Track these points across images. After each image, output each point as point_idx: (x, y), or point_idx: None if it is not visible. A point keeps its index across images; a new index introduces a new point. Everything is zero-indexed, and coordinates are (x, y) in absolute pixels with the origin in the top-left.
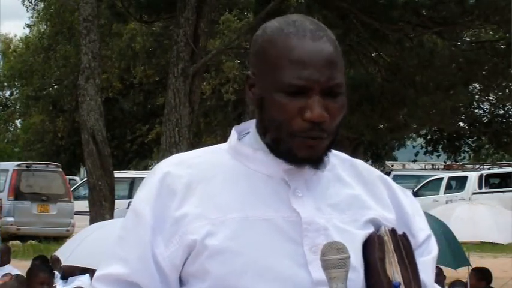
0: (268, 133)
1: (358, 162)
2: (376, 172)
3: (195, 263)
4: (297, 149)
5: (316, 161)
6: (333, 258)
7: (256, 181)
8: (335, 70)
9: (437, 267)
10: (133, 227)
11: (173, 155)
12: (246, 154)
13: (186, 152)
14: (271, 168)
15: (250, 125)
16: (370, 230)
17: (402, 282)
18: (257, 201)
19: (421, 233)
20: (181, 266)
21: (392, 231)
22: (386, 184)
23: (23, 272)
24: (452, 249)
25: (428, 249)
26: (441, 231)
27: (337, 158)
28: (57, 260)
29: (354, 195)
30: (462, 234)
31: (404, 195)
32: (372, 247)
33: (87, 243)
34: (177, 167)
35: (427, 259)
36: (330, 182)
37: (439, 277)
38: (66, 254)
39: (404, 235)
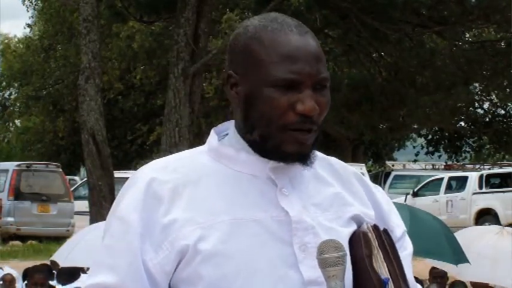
0: (256, 130)
1: (333, 160)
2: (350, 169)
3: (187, 269)
4: (287, 143)
5: (305, 158)
6: (331, 256)
7: (242, 182)
8: (321, 64)
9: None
10: (121, 234)
11: (155, 160)
12: (228, 155)
13: (167, 157)
14: (256, 168)
15: (229, 126)
16: (354, 227)
17: (390, 278)
18: (245, 202)
19: (398, 229)
20: (172, 272)
21: (375, 227)
22: (361, 181)
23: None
24: (451, 246)
25: (404, 245)
26: (441, 229)
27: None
28: (55, 263)
29: (335, 193)
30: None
31: (379, 192)
32: (358, 244)
33: (84, 244)
34: (162, 173)
35: (404, 255)
36: (310, 180)
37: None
38: (64, 255)
39: (385, 231)
